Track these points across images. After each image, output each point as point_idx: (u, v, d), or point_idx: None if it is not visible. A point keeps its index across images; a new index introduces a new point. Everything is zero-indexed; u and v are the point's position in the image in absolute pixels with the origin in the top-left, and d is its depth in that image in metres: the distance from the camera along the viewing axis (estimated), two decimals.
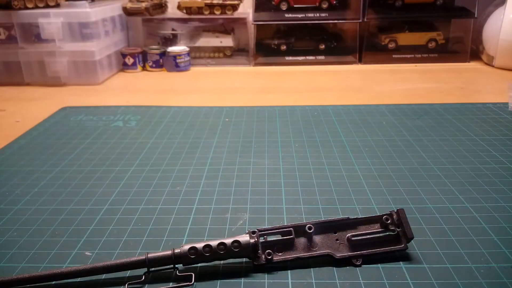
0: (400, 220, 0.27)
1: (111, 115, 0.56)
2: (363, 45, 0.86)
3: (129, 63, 0.82)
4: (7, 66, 0.73)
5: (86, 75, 0.73)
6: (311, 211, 0.32)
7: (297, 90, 0.68)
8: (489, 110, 0.54)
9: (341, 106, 0.57)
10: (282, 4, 0.85)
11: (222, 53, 0.88)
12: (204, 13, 0.85)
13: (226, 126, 0.51)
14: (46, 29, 0.69)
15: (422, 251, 0.27)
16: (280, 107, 0.57)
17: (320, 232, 0.27)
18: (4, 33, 0.71)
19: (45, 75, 0.72)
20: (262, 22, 0.87)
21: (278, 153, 0.43)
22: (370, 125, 0.50)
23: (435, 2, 0.84)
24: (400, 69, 0.80)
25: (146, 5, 0.84)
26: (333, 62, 0.86)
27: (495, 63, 0.79)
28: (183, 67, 0.82)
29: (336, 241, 0.27)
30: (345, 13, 0.86)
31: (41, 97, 0.66)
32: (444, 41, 0.86)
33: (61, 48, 0.71)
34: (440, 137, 0.46)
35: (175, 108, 0.58)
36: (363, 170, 0.39)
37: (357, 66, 0.84)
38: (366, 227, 0.28)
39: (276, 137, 0.47)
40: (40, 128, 0.52)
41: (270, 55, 0.88)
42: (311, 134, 0.48)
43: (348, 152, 0.43)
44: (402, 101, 0.58)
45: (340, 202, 0.33)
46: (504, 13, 0.76)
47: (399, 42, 0.86)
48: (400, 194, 0.34)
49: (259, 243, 0.26)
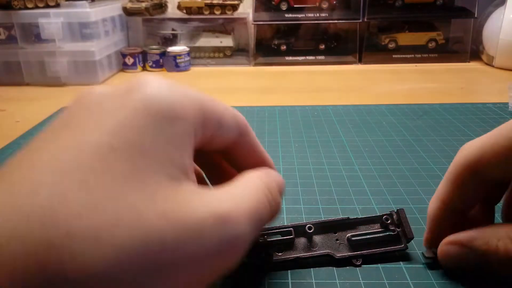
0: (400, 220, 0.27)
1: None
2: (363, 45, 0.86)
3: (129, 63, 0.82)
4: (7, 66, 0.73)
5: (86, 75, 0.73)
6: (311, 211, 0.32)
7: (297, 90, 0.68)
8: (489, 110, 0.54)
9: (341, 106, 0.57)
10: (282, 4, 0.85)
11: (222, 53, 0.88)
12: (204, 13, 0.85)
13: None
14: (46, 29, 0.69)
15: (422, 251, 0.27)
16: (280, 107, 0.57)
17: (320, 232, 0.27)
18: (4, 33, 0.71)
19: (45, 75, 0.72)
20: (262, 22, 0.87)
21: (278, 153, 0.43)
22: (370, 125, 0.50)
23: (435, 2, 0.84)
24: (400, 69, 0.80)
25: (146, 5, 0.84)
26: (333, 62, 0.86)
27: (495, 63, 0.79)
28: (183, 67, 0.82)
29: (336, 241, 0.27)
30: (345, 13, 0.86)
31: (41, 97, 0.66)
32: (444, 41, 0.86)
33: (61, 48, 0.71)
34: (440, 137, 0.46)
35: None
36: (363, 170, 0.39)
37: (357, 66, 0.84)
38: (366, 227, 0.28)
39: (276, 137, 0.47)
40: (40, 128, 0.52)
41: (270, 55, 0.88)
42: (311, 134, 0.48)
43: (348, 152, 0.43)
44: (402, 101, 0.58)
45: (340, 202, 0.34)
46: (504, 13, 0.76)
47: (399, 42, 0.86)
48: (400, 194, 0.34)
49: (259, 243, 0.26)
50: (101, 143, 0.17)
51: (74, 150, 0.16)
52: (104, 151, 0.16)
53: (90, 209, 0.15)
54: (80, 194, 0.15)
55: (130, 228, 0.15)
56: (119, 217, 0.15)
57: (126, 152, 0.17)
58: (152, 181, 0.17)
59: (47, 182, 0.15)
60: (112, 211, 0.15)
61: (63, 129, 0.18)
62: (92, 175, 0.16)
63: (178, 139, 0.18)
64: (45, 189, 0.15)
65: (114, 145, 0.17)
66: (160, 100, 0.18)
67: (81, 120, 0.18)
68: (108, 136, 0.17)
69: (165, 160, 0.18)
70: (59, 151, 0.16)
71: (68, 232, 0.14)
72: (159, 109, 0.18)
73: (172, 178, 0.17)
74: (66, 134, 0.18)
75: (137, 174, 0.16)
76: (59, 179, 0.15)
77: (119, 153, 0.16)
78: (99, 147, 0.16)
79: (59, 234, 0.14)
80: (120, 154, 0.16)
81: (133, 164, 0.17)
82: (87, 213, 0.15)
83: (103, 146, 0.16)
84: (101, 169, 0.16)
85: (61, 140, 0.17)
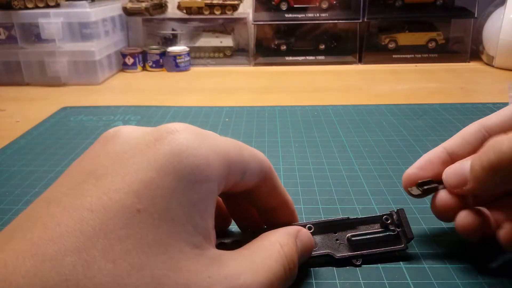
0: (400, 220, 0.27)
1: (111, 115, 0.56)
2: (363, 45, 0.86)
3: (129, 63, 0.82)
4: (7, 66, 0.73)
5: (86, 75, 0.73)
6: (311, 211, 0.32)
7: (297, 90, 0.68)
8: (489, 110, 0.54)
9: (341, 106, 0.57)
10: (282, 4, 0.85)
11: (222, 53, 0.88)
12: (204, 13, 0.85)
13: (226, 126, 0.51)
14: (46, 29, 0.69)
15: (422, 251, 0.27)
16: (280, 107, 0.57)
17: (320, 232, 0.27)
18: (4, 33, 0.71)
19: (45, 75, 0.72)
20: (262, 22, 0.87)
21: (278, 153, 0.43)
22: (370, 125, 0.50)
23: (435, 2, 0.84)
24: (400, 69, 0.80)
25: (146, 5, 0.84)
26: (333, 62, 0.86)
27: (495, 63, 0.79)
28: (183, 67, 0.82)
29: (336, 241, 0.27)
30: (345, 13, 0.86)
31: (41, 97, 0.66)
32: (444, 41, 0.86)
33: (61, 48, 0.71)
34: (440, 137, 0.46)
35: (175, 108, 0.58)
36: (363, 170, 0.39)
37: (357, 66, 0.84)
38: (366, 227, 0.28)
39: (276, 137, 0.47)
40: (40, 128, 0.52)
41: (270, 55, 0.88)
42: (311, 134, 0.48)
43: (348, 152, 0.43)
44: (402, 101, 0.58)
45: (340, 202, 0.34)
46: (504, 13, 0.76)
47: (399, 42, 0.86)
48: (400, 194, 0.34)
49: None
50: (126, 204, 0.16)
51: (99, 211, 0.16)
52: (130, 215, 0.16)
53: (115, 282, 0.15)
54: (105, 265, 0.15)
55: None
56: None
57: (151, 216, 0.16)
58: (176, 251, 0.17)
59: (71, 248, 0.15)
60: (135, 284, 0.15)
61: (87, 179, 0.17)
62: (117, 242, 0.15)
63: (203, 201, 0.18)
64: (69, 257, 0.15)
65: (140, 208, 0.16)
66: (188, 159, 0.18)
67: (106, 172, 0.17)
68: (135, 197, 0.16)
69: (189, 226, 0.17)
70: (83, 209, 0.16)
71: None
72: (186, 170, 0.18)
73: (195, 245, 0.17)
74: (90, 188, 0.17)
75: (162, 243, 0.16)
76: (83, 245, 0.15)
77: (144, 218, 0.16)
78: (125, 209, 0.16)
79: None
80: (146, 219, 0.16)
81: (157, 230, 0.16)
82: (113, 286, 0.15)
83: (129, 208, 0.16)
84: (126, 235, 0.16)
85: (85, 195, 0.17)
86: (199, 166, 0.18)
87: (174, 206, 0.17)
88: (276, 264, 0.20)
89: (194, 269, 0.17)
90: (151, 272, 0.16)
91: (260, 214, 0.26)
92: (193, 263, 0.17)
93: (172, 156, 0.18)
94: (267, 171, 0.23)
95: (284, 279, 0.21)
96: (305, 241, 0.23)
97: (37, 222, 0.16)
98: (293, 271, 0.21)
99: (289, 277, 0.21)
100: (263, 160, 0.23)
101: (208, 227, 0.19)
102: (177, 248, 0.17)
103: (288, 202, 0.25)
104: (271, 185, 0.24)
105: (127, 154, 0.18)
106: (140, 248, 0.16)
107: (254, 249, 0.21)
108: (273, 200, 0.24)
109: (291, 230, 0.23)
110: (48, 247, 0.15)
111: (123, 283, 0.15)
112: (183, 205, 0.17)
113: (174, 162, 0.17)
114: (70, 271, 0.14)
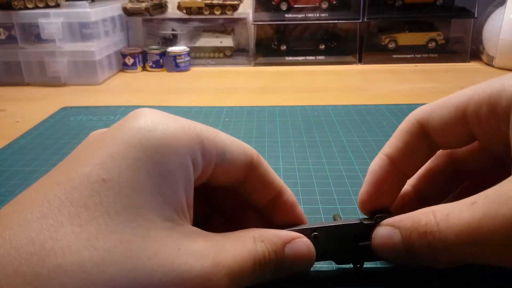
0: None
1: (111, 115, 0.56)
2: (363, 45, 0.86)
3: (129, 63, 0.82)
4: (7, 66, 0.73)
5: (86, 75, 0.73)
6: (311, 211, 0.32)
7: (297, 90, 0.68)
8: None
9: (341, 106, 0.57)
10: (282, 4, 0.85)
11: (222, 53, 0.88)
12: (204, 13, 0.85)
13: (226, 126, 0.51)
14: (46, 29, 0.69)
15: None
16: (280, 107, 0.57)
17: (328, 238, 0.24)
18: (4, 33, 0.71)
19: (45, 75, 0.72)
20: (262, 22, 0.87)
21: (278, 153, 0.43)
22: (370, 125, 0.50)
23: (435, 2, 0.84)
24: (400, 69, 0.80)
25: (146, 5, 0.84)
26: (333, 62, 0.86)
27: (495, 63, 0.79)
28: (183, 67, 0.82)
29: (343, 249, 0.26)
30: (345, 13, 0.86)
31: (41, 97, 0.66)
32: (444, 41, 0.86)
33: (61, 48, 0.71)
34: None
35: (175, 108, 0.58)
36: (363, 170, 0.39)
37: (357, 66, 0.84)
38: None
39: (276, 137, 0.47)
40: (40, 128, 0.52)
41: (270, 55, 0.88)
42: (311, 134, 0.48)
43: (348, 152, 0.43)
44: (402, 101, 0.58)
45: (340, 202, 0.34)
46: (504, 13, 0.76)
47: (399, 42, 0.86)
48: None
49: None
50: (91, 175, 0.16)
51: (66, 184, 0.16)
52: (96, 185, 0.16)
53: (81, 244, 0.15)
54: (71, 229, 0.15)
55: (120, 265, 0.15)
56: (110, 253, 0.15)
57: (118, 185, 0.17)
58: (145, 220, 0.17)
59: (37, 215, 0.15)
60: (103, 247, 0.15)
61: (60, 166, 0.19)
62: (83, 209, 0.16)
63: (173, 174, 0.18)
64: (35, 223, 0.15)
65: (105, 178, 0.16)
66: (153, 132, 0.18)
67: (77, 156, 0.19)
68: (100, 168, 0.17)
69: (159, 197, 0.17)
70: (52, 186, 0.17)
71: (58, 266, 0.14)
72: (153, 142, 0.18)
73: (166, 218, 0.17)
74: (61, 169, 0.18)
75: (130, 211, 0.16)
76: (49, 212, 0.15)
77: (111, 186, 0.16)
78: (90, 179, 0.16)
79: (49, 268, 0.14)
80: (113, 187, 0.16)
81: (126, 198, 0.16)
82: (78, 247, 0.15)
83: (94, 178, 0.16)
84: (93, 203, 0.16)
85: (55, 175, 0.18)
86: (165, 138, 0.18)
87: (142, 177, 0.17)
88: (248, 256, 0.20)
89: (164, 239, 0.17)
90: (119, 236, 0.16)
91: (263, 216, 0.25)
92: (163, 234, 0.17)
93: (138, 130, 0.18)
94: (254, 158, 0.22)
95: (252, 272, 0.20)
96: (299, 251, 0.22)
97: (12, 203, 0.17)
98: (263, 270, 0.20)
99: (259, 275, 0.20)
100: (246, 146, 0.22)
101: (180, 201, 0.18)
102: (147, 217, 0.17)
103: (286, 193, 0.24)
104: (262, 173, 0.22)
105: (99, 139, 0.19)
106: (107, 214, 0.16)
107: (229, 235, 0.20)
108: (269, 190, 0.23)
109: (283, 233, 0.22)
110: (16, 216, 0.16)
111: (91, 246, 0.15)
112: (152, 176, 0.17)
113: (138, 135, 0.18)
114: (37, 234, 0.15)
